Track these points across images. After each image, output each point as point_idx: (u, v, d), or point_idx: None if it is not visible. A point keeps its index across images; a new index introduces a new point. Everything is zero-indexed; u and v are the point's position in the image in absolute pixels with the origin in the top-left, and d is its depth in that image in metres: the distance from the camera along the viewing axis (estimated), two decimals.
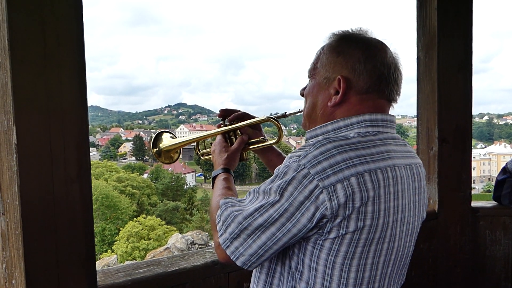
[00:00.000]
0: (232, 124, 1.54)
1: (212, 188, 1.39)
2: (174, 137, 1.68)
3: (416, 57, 2.50)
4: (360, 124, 1.11)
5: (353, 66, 1.11)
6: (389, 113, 1.17)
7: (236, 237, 1.07)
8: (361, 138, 1.07)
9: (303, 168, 1.00)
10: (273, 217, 1.02)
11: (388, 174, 1.05)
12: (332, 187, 0.98)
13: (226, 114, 1.57)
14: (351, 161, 1.00)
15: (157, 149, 1.65)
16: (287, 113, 1.48)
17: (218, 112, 1.58)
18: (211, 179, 1.45)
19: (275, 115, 1.49)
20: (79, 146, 1.34)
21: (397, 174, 1.07)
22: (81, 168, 1.34)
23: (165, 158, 1.66)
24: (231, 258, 1.09)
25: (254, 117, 1.55)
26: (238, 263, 1.09)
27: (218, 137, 1.54)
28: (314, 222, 0.99)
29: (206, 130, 1.86)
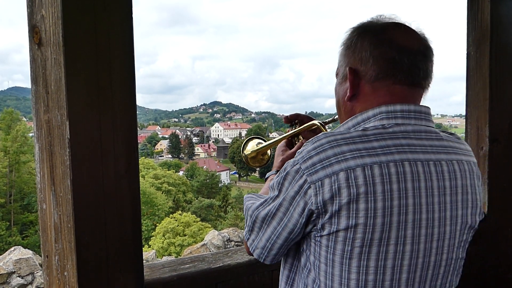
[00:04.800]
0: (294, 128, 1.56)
1: None
2: (262, 141, 1.68)
3: (466, 52, 2.38)
4: (376, 117, 1.04)
5: (359, 55, 1.07)
6: (419, 102, 1.08)
7: (251, 230, 1.11)
8: (368, 132, 1.00)
9: (296, 164, 1.00)
10: (271, 211, 1.05)
11: (390, 169, 0.96)
12: (319, 182, 0.95)
13: (292, 119, 1.56)
14: (343, 155, 0.95)
15: (244, 155, 1.68)
16: (335, 118, 1.46)
17: (253, 111, 1.56)
18: (245, 177, 1.46)
19: (324, 121, 1.50)
20: (128, 143, 1.35)
21: (405, 170, 0.97)
22: (130, 164, 1.36)
23: (253, 163, 1.66)
24: (250, 251, 1.12)
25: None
26: (255, 256, 1.11)
27: (282, 141, 1.57)
28: (304, 217, 0.99)
29: (241, 128, 1.84)
